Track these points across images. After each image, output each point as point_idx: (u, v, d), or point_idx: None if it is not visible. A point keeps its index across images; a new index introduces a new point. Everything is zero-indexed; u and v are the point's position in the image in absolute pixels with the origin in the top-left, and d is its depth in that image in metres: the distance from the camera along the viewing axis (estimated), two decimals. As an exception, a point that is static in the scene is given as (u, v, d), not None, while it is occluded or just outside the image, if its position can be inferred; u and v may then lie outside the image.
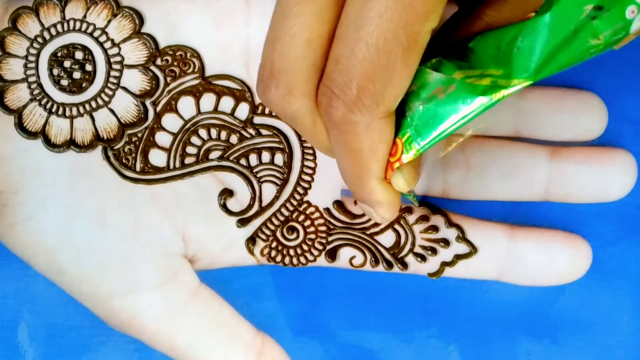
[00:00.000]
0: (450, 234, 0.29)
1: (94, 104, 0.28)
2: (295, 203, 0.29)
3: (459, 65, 0.22)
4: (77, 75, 0.28)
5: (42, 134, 0.27)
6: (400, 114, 0.22)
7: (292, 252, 0.29)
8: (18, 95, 0.27)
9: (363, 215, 0.29)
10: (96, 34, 0.27)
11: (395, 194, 0.24)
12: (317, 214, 0.29)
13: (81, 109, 0.28)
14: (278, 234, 0.29)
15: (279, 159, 0.29)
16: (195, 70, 0.28)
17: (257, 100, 0.29)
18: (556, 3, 0.19)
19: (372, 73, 0.20)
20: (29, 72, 0.27)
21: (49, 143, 0.27)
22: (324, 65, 0.21)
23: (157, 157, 0.28)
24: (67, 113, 0.27)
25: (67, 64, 0.27)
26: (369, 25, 0.20)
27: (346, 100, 0.21)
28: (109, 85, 0.28)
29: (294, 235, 0.29)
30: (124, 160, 0.28)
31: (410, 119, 0.22)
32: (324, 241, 0.29)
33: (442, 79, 0.22)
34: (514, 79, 0.20)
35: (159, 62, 0.28)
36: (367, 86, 0.20)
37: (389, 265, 0.29)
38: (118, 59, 0.28)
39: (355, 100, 0.21)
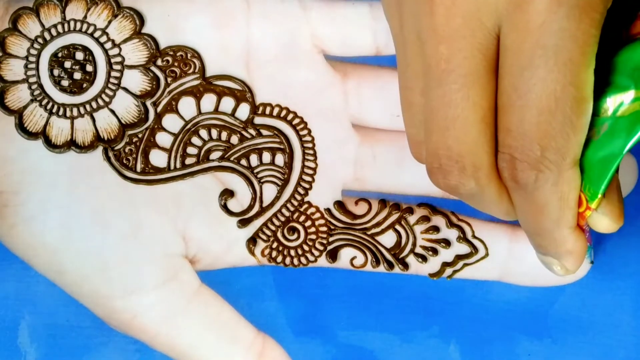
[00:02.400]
0: (451, 234, 0.29)
1: (94, 105, 0.28)
2: (296, 203, 0.29)
3: (606, 93, 0.22)
4: (77, 75, 0.27)
5: (43, 135, 0.27)
6: None
7: (292, 252, 0.29)
8: (18, 96, 0.27)
9: (364, 215, 0.29)
10: (97, 34, 0.27)
11: (584, 244, 0.24)
12: (317, 215, 0.29)
13: (82, 110, 0.28)
14: (279, 235, 0.29)
15: (280, 159, 0.29)
16: (196, 70, 0.28)
17: (258, 101, 0.29)
18: None
19: (551, 131, 0.21)
20: (29, 73, 0.27)
21: (50, 144, 0.27)
22: (495, 136, 0.22)
23: (157, 158, 0.28)
24: (68, 114, 0.27)
25: (67, 64, 0.27)
26: (534, 91, 0.20)
27: (530, 162, 0.21)
28: (110, 85, 0.28)
29: (295, 236, 0.29)
30: (124, 161, 0.28)
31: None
32: (324, 242, 0.29)
33: (594, 121, 0.22)
34: None
35: (159, 62, 0.28)
36: (550, 144, 0.21)
37: (390, 265, 0.29)
38: (119, 59, 0.28)
39: (541, 159, 0.21)
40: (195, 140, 0.28)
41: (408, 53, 0.23)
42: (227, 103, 0.28)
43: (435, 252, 0.29)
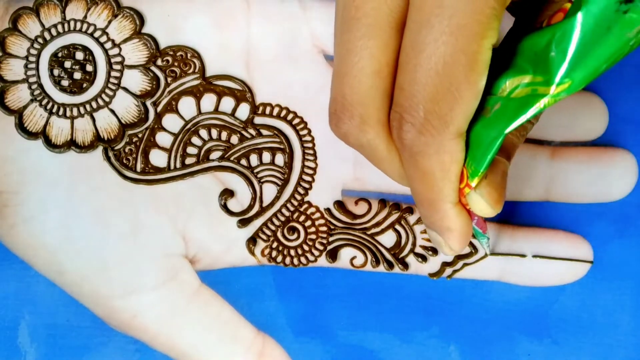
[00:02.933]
0: (451, 234, 0.29)
1: (94, 105, 0.28)
2: (296, 203, 0.29)
3: (506, 74, 0.22)
4: (77, 75, 0.27)
5: (43, 135, 0.27)
6: None
7: (292, 252, 0.29)
8: (18, 96, 0.27)
9: (364, 215, 0.29)
10: (97, 34, 0.27)
11: (467, 223, 0.24)
12: (317, 214, 0.29)
13: (82, 110, 0.28)
14: (279, 235, 0.29)
15: (280, 159, 0.29)
16: (196, 70, 0.28)
17: (258, 101, 0.29)
18: (586, 2, 0.18)
19: (437, 96, 0.20)
20: (29, 73, 0.27)
21: (50, 143, 0.27)
22: (392, 93, 0.22)
23: (157, 158, 0.28)
24: (68, 113, 0.27)
25: (67, 64, 0.27)
26: (426, 50, 0.20)
27: (415, 123, 0.21)
28: (110, 85, 0.28)
29: (295, 236, 0.29)
30: (124, 161, 0.28)
31: None
32: (324, 241, 0.29)
33: (488, 99, 0.22)
34: (553, 85, 0.19)
35: (159, 62, 0.28)
36: (434, 108, 0.21)
37: (390, 265, 0.29)
38: (119, 59, 0.28)
39: (424, 122, 0.21)
40: (195, 140, 0.28)
41: (337, 3, 0.23)
42: (227, 103, 0.29)
43: (435, 252, 0.29)
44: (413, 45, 0.20)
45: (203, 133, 0.28)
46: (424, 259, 0.29)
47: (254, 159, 0.29)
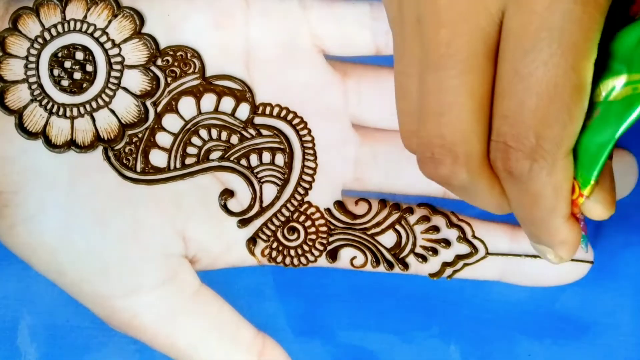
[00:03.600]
0: (451, 234, 0.29)
1: (94, 105, 0.28)
2: (296, 203, 0.29)
3: (599, 76, 0.21)
4: (77, 75, 0.27)
5: (43, 135, 0.27)
6: None
7: (292, 252, 0.29)
8: (18, 96, 0.27)
9: (364, 215, 0.29)
10: (97, 34, 0.27)
11: (578, 232, 0.24)
12: (317, 215, 0.29)
13: (82, 110, 0.28)
14: (279, 235, 0.29)
15: (280, 159, 0.29)
16: (196, 70, 0.28)
17: (258, 100, 0.29)
18: None
19: (548, 119, 0.20)
20: (29, 73, 0.27)
21: (50, 143, 0.27)
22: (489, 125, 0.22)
23: (157, 158, 0.28)
24: (68, 113, 0.27)
25: (67, 64, 0.27)
26: (535, 74, 0.20)
27: (525, 151, 0.21)
28: (110, 85, 0.28)
29: (295, 236, 0.29)
30: (124, 161, 0.28)
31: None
32: (324, 242, 0.29)
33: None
34: None
35: (159, 62, 0.28)
36: (545, 133, 0.20)
37: (390, 265, 0.29)
38: (118, 59, 0.28)
39: (536, 148, 0.21)
40: (195, 140, 0.28)
41: (406, 37, 0.23)
42: (227, 103, 0.28)
43: (435, 252, 0.29)
44: (517, 71, 0.20)
45: (203, 133, 0.28)
46: (424, 259, 0.29)
47: (254, 159, 0.29)
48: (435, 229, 0.29)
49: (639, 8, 0.20)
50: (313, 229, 0.29)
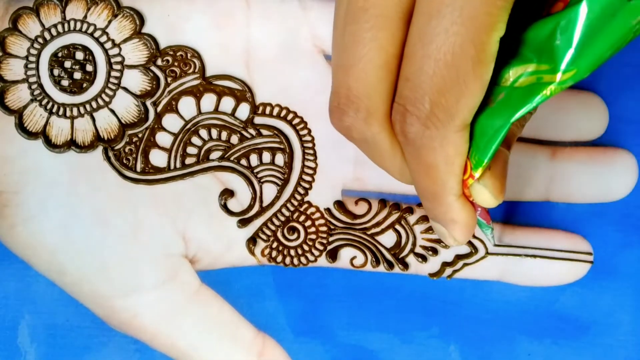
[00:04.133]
0: (451, 234, 0.29)
1: (94, 105, 0.28)
2: (295, 203, 0.29)
3: (510, 64, 0.22)
4: (77, 75, 0.27)
5: (43, 135, 0.27)
6: None
7: (292, 252, 0.29)
8: (18, 96, 0.27)
9: (364, 215, 0.29)
10: (97, 34, 0.27)
11: (471, 214, 0.24)
12: (317, 214, 0.29)
13: (82, 110, 0.28)
14: (279, 234, 0.29)
15: (280, 159, 0.29)
16: (196, 70, 0.28)
17: (258, 101, 0.29)
18: None
19: (444, 87, 0.20)
20: (29, 73, 0.27)
21: (50, 143, 0.27)
22: (396, 85, 0.22)
23: (157, 158, 0.28)
24: (68, 113, 0.27)
25: (67, 64, 0.27)
26: (435, 41, 0.20)
27: (420, 116, 0.21)
28: (110, 85, 0.28)
29: (295, 236, 0.29)
30: (124, 161, 0.28)
31: None
32: (324, 241, 0.29)
33: (492, 89, 0.21)
34: (559, 72, 0.19)
35: (159, 62, 0.28)
36: (440, 100, 0.20)
37: (390, 265, 0.29)
38: (119, 59, 0.28)
39: (429, 114, 0.21)
40: (195, 140, 0.28)
41: None
42: (227, 103, 0.28)
43: (435, 252, 0.29)
44: (421, 36, 0.20)
45: (203, 133, 0.28)
46: (424, 259, 0.29)
47: (254, 159, 0.29)
48: (435, 228, 0.29)
49: (564, 6, 0.20)
50: (313, 229, 0.29)
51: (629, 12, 0.18)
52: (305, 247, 0.29)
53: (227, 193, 0.29)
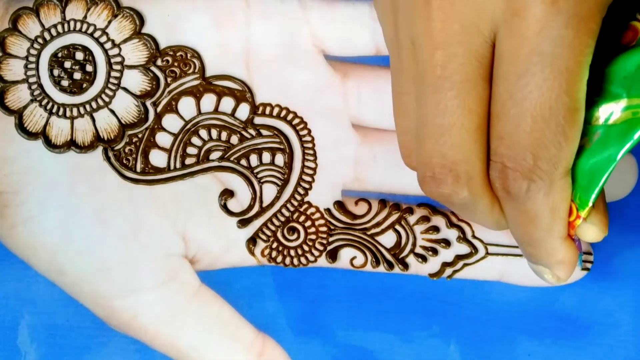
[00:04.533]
0: (451, 234, 0.29)
1: (94, 105, 0.28)
2: (295, 203, 0.29)
3: (598, 102, 0.22)
4: (77, 75, 0.27)
5: (43, 135, 0.27)
6: None
7: (292, 252, 0.29)
8: (18, 96, 0.27)
9: (364, 215, 0.29)
10: (97, 34, 0.27)
11: (575, 253, 0.24)
12: (317, 215, 0.29)
13: (82, 110, 0.28)
14: (279, 235, 0.29)
15: (280, 159, 0.29)
16: (196, 70, 0.28)
17: (258, 101, 0.29)
18: None
19: (544, 140, 0.21)
20: (29, 73, 0.27)
21: (50, 144, 0.27)
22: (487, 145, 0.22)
23: (157, 158, 0.28)
24: (68, 114, 0.27)
25: (67, 64, 0.27)
26: (529, 98, 0.20)
27: (523, 171, 0.21)
28: (110, 85, 0.28)
29: (295, 236, 0.29)
30: (124, 161, 0.28)
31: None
32: (324, 242, 0.29)
33: (586, 129, 0.22)
34: None
35: (159, 62, 0.28)
36: (542, 154, 0.21)
37: (390, 265, 0.29)
38: (118, 59, 0.28)
39: (533, 168, 0.21)
40: (195, 140, 0.28)
41: (403, 58, 0.23)
42: (227, 103, 0.28)
43: (435, 252, 0.29)
44: (511, 95, 0.21)
45: (203, 133, 0.28)
46: (424, 259, 0.29)
47: (253, 159, 0.29)
48: (435, 229, 0.29)
49: (635, 35, 0.20)
50: (313, 229, 0.29)
51: None
52: (305, 248, 0.29)
53: (227, 193, 0.29)
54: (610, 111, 0.21)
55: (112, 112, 0.28)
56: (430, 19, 0.21)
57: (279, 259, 0.29)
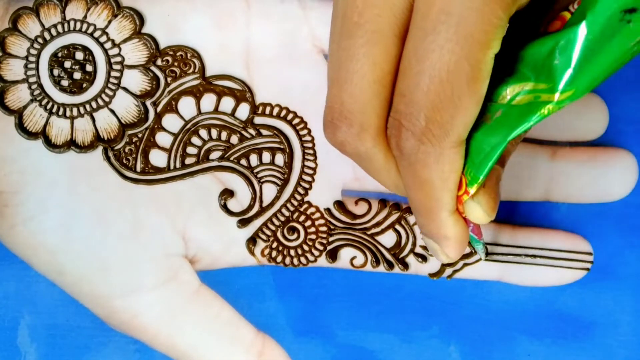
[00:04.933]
0: (451, 234, 0.29)
1: (94, 105, 0.28)
2: (295, 203, 0.29)
3: (507, 81, 0.22)
4: (77, 75, 0.27)
5: (43, 135, 0.27)
6: None
7: (292, 252, 0.29)
8: (18, 96, 0.27)
9: (364, 215, 0.29)
10: (97, 34, 0.27)
11: (464, 231, 0.24)
12: (317, 214, 0.29)
13: (81, 110, 0.28)
14: (279, 235, 0.29)
15: (280, 159, 0.29)
16: (196, 70, 0.28)
17: (258, 101, 0.29)
18: (590, 11, 0.18)
19: (439, 104, 0.20)
20: (29, 73, 0.27)
21: (50, 144, 0.27)
22: (391, 100, 0.22)
23: (157, 158, 0.28)
24: (68, 113, 0.27)
25: (67, 64, 0.27)
26: (430, 58, 0.20)
27: (415, 131, 0.21)
28: (110, 85, 0.28)
29: (295, 236, 0.29)
30: (124, 161, 0.28)
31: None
32: (324, 241, 0.29)
33: (489, 106, 0.22)
34: (557, 92, 0.19)
35: (159, 62, 0.28)
36: (435, 117, 0.21)
37: (390, 265, 0.29)
38: (118, 59, 0.28)
39: (424, 130, 0.21)
40: (195, 140, 0.28)
41: (335, 6, 0.23)
42: (227, 103, 0.29)
43: (435, 252, 0.29)
44: (416, 52, 0.20)
45: (203, 133, 0.28)
46: (424, 259, 0.29)
47: (253, 159, 0.29)
48: (435, 229, 0.29)
49: (562, 25, 0.20)
50: (313, 229, 0.29)
51: (627, 34, 0.18)
52: (305, 247, 0.29)
53: (227, 193, 0.29)
54: (516, 92, 0.21)
55: (112, 112, 0.28)
56: None
57: (279, 258, 0.29)
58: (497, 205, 0.23)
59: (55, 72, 0.27)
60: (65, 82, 0.27)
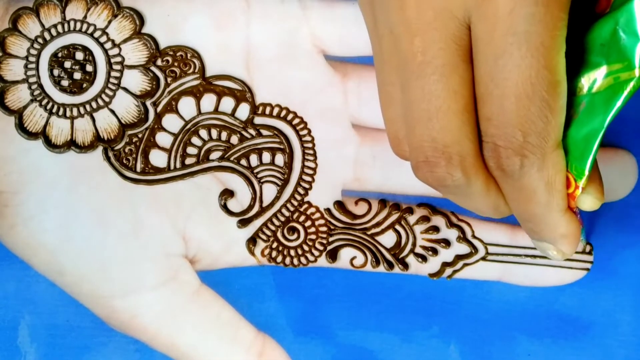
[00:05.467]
0: (451, 234, 0.29)
1: (94, 105, 0.28)
2: (295, 203, 0.29)
3: (580, 73, 0.22)
4: (77, 75, 0.27)
5: (43, 135, 0.27)
6: None
7: (292, 252, 0.29)
8: (18, 96, 0.27)
9: (364, 215, 0.29)
10: (97, 34, 0.27)
11: (577, 225, 0.24)
12: (317, 215, 0.29)
13: (82, 110, 0.28)
14: (279, 235, 0.29)
15: (280, 159, 0.29)
16: (196, 70, 0.28)
17: (258, 101, 0.29)
18: None
19: (531, 117, 0.21)
20: (29, 73, 0.27)
21: (50, 144, 0.27)
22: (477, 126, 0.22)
23: (157, 158, 0.28)
24: (68, 114, 0.27)
25: (67, 64, 0.27)
26: (510, 78, 0.21)
27: (515, 148, 0.21)
28: (110, 85, 0.28)
29: (295, 236, 0.29)
30: (124, 161, 0.28)
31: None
32: (324, 242, 0.29)
33: (571, 101, 0.22)
34: (635, 68, 0.20)
35: (159, 62, 0.28)
36: (530, 129, 0.21)
37: (390, 265, 0.29)
38: (118, 59, 0.28)
39: (523, 144, 0.21)
40: (195, 140, 0.28)
41: (384, 49, 0.23)
42: (227, 103, 0.28)
43: (435, 252, 0.29)
44: (492, 77, 0.21)
45: (203, 133, 0.28)
46: (424, 259, 0.29)
47: (254, 159, 0.29)
48: (435, 229, 0.29)
49: (608, 3, 0.20)
50: (313, 229, 0.29)
51: None
52: (305, 247, 0.29)
53: (227, 193, 0.29)
54: (592, 80, 0.22)
55: (112, 112, 0.28)
56: (404, 7, 0.21)
57: (279, 258, 0.29)
58: (603, 189, 0.24)
59: (56, 72, 0.27)
60: (65, 82, 0.27)
